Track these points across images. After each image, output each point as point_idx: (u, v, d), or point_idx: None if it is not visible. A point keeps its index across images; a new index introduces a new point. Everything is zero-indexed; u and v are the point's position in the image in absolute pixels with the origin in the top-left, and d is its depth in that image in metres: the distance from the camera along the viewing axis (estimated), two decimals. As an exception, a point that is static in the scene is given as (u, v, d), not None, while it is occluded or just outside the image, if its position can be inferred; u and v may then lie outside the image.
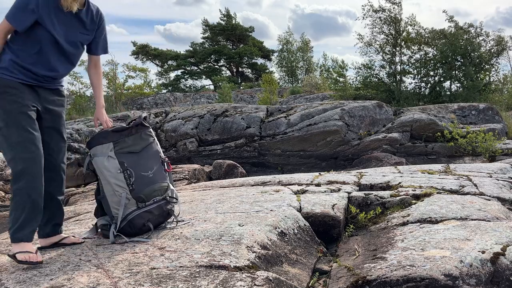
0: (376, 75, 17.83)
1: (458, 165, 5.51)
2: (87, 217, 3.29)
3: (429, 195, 3.42)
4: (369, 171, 5.08)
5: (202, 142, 10.42)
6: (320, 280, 2.30)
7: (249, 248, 2.21)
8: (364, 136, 9.64)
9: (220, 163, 7.64)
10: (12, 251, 2.11)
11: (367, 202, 3.48)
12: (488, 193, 3.52)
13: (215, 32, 39.97)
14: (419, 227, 2.67)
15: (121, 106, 18.79)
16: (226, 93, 19.97)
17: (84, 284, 1.80)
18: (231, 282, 1.81)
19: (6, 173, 6.40)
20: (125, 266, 1.99)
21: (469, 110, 11.58)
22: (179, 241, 2.33)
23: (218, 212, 2.96)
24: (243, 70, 41.44)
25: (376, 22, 17.65)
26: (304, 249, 2.62)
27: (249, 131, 10.11)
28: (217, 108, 11.21)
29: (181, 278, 1.84)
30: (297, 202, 3.24)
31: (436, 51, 16.92)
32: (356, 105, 10.26)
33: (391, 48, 17.61)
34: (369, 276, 2.01)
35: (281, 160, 9.85)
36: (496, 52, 16.90)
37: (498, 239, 2.24)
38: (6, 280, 1.91)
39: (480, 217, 2.77)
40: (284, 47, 35.49)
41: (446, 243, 2.25)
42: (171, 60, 40.46)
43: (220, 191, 4.12)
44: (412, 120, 10.01)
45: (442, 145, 9.61)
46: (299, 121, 9.94)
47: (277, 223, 2.67)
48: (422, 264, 2.00)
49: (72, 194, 5.94)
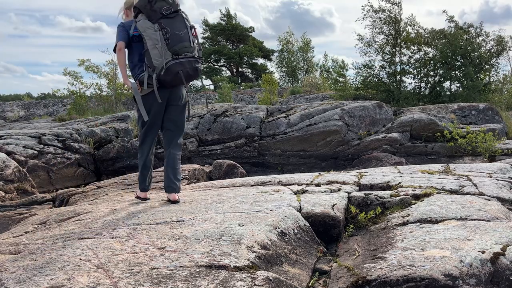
0: (376, 75, 17.83)
1: (458, 165, 5.50)
2: (87, 217, 3.29)
3: (429, 195, 3.42)
4: (369, 171, 5.08)
5: (202, 142, 10.42)
6: (320, 280, 2.31)
7: (249, 248, 2.21)
8: (364, 136, 9.64)
9: (220, 163, 7.64)
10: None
11: (367, 202, 3.48)
12: (488, 193, 3.52)
13: (215, 32, 39.98)
14: (419, 227, 2.67)
15: (121, 106, 18.78)
16: (226, 93, 19.97)
17: (84, 284, 1.80)
18: (231, 282, 1.81)
19: (6, 173, 6.40)
20: (125, 266, 1.99)
21: (469, 110, 11.58)
22: (179, 241, 2.33)
23: (218, 212, 2.96)
24: (243, 70, 41.45)
25: (376, 22, 17.65)
26: (304, 249, 2.62)
27: (249, 131, 10.11)
28: (217, 108, 11.21)
29: (181, 278, 1.84)
30: (297, 202, 3.24)
31: (436, 51, 16.92)
32: (356, 105, 10.27)
33: (391, 48, 17.61)
34: (369, 276, 2.01)
35: (281, 160, 9.85)
36: (496, 52, 16.90)
37: (498, 239, 2.24)
38: (6, 280, 1.91)
39: (480, 217, 2.77)
40: (284, 47, 35.48)
41: (446, 243, 2.25)
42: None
43: (220, 191, 4.12)
44: (412, 120, 10.01)
45: (442, 145, 9.61)
46: (299, 121, 9.94)
47: (277, 223, 2.67)
48: (422, 264, 2.00)
49: (72, 194, 5.93)
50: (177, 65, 3.18)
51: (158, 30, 3.18)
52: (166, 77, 3.21)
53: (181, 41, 3.20)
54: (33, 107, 25.01)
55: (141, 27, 3.23)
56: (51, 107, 24.17)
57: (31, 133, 9.38)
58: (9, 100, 34.54)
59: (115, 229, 2.69)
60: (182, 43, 3.20)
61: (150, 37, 3.18)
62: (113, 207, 3.61)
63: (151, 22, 3.20)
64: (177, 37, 3.19)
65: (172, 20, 3.22)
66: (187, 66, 3.23)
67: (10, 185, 6.37)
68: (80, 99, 18.97)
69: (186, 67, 3.23)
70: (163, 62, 3.17)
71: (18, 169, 6.67)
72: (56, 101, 24.97)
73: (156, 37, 3.16)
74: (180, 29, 3.22)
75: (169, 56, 3.18)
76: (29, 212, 4.93)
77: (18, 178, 6.56)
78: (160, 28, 3.18)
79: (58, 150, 8.98)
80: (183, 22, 3.27)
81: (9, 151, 8.11)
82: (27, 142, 8.74)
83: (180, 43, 3.19)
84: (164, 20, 3.20)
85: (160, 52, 3.16)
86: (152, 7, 3.21)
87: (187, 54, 3.23)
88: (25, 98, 31.78)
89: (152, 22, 3.20)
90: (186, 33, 3.24)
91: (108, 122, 11.20)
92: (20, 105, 25.52)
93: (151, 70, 3.23)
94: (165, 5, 3.22)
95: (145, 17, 3.23)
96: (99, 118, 12.33)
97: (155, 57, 3.17)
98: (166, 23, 3.19)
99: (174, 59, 3.18)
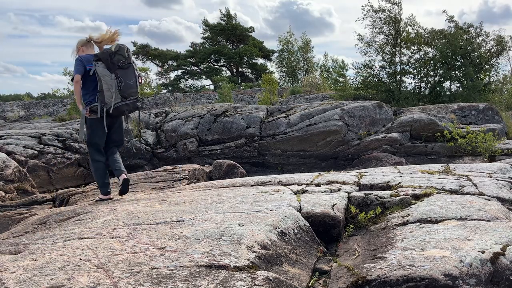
0: (376, 75, 17.84)
1: (458, 165, 5.51)
2: (87, 217, 3.29)
3: (429, 195, 3.42)
4: (369, 171, 5.08)
5: (202, 142, 10.42)
6: (320, 280, 2.31)
7: (249, 248, 2.22)
8: (364, 136, 9.64)
9: (220, 163, 7.64)
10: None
11: (367, 202, 3.48)
12: (488, 193, 3.53)
13: (215, 32, 39.97)
14: (419, 227, 2.67)
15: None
16: (226, 93, 19.97)
17: (84, 284, 1.80)
18: (231, 282, 1.82)
19: (6, 173, 6.40)
20: (125, 266, 1.99)
21: (469, 110, 11.58)
22: (179, 241, 2.33)
23: (218, 212, 2.96)
24: (243, 70, 41.45)
25: (376, 22, 17.65)
26: (304, 249, 2.62)
27: (249, 131, 10.11)
28: (217, 108, 11.22)
29: (181, 278, 1.84)
30: (297, 202, 3.24)
31: (436, 51, 16.92)
32: (356, 105, 10.27)
33: (391, 48, 17.61)
34: (369, 276, 2.01)
35: (281, 160, 9.85)
36: (496, 52, 16.90)
37: (498, 239, 2.25)
38: (7, 280, 1.91)
39: (480, 217, 2.77)
40: (285, 47, 35.48)
41: (446, 243, 2.25)
42: (171, 60, 40.48)
43: (220, 191, 4.12)
44: (412, 120, 10.01)
45: (442, 145, 9.61)
46: (299, 121, 9.94)
47: (277, 223, 2.67)
48: (422, 264, 2.00)
49: (72, 194, 5.94)
50: (124, 106, 4.26)
51: (114, 79, 4.15)
52: (113, 112, 4.22)
53: (130, 88, 4.27)
54: (33, 107, 25.02)
55: (100, 73, 4.13)
56: (51, 107, 24.18)
57: (31, 133, 9.39)
58: (9, 100, 34.56)
59: (115, 229, 2.69)
60: (130, 89, 4.28)
61: (106, 82, 4.13)
62: (113, 207, 3.61)
63: (109, 72, 4.14)
64: (128, 85, 4.24)
65: (126, 71, 4.23)
66: (131, 106, 4.35)
67: (10, 185, 6.37)
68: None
69: (130, 106, 4.35)
70: (112, 102, 4.17)
71: (18, 169, 6.68)
72: (56, 101, 24.98)
73: (111, 83, 4.14)
74: (131, 78, 4.27)
75: (119, 98, 4.20)
76: (29, 212, 4.93)
77: (18, 178, 6.57)
78: (116, 77, 4.16)
79: (58, 150, 8.99)
80: (133, 72, 4.30)
81: (9, 151, 8.11)
82: (27, 142, 8.75)
83: (129, 90, 4.26)
84: (120, 70, 4.19)
85: (112, 95, 4.15)
86: (111, 60, 4.16)
87: (132, 97, 4.32)
88: (25, 98, 31.81)
89: (110, 72, 4.15)
90: (134, 81, 4.31)
91: (108, 122, 11.18)
92: (20, 105, 25.54)
93: (103, 105, 4.19)
94: (122, 59, 4.21)
95: (104, 66, 4.15)
96: (99, 118, 12.28)
97: (108, 97, 4.15)
98: (121, 73, 4.19)
99: (122, 101, 4.23)
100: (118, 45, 4.24)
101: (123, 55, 4.20)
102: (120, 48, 4.22)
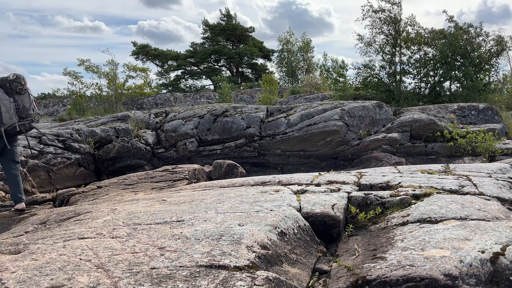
0: (376, 75, 17.84)
1: (458, 165, 5.51)
2: (87, 217, 3.29)
3: (429, 195, 3.43)
4: (369, 171, 5.08)
5: (202, 142, 10.42)
6: (320, 280, 2.31)
7: (249, 248, 2.22)
8: (364, 136, 9.64)
9: (220, 163, 7.64)
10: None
11: (367, 202, 3.48)
12: (488, 193, 3.53)
13: (215, 32, 39.96)
14: (418, 227, 2.67)
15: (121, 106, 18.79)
16: (226, 93, 19.97)
17: (84, 284, 1.80)
18: (231, 282, 1.82)
19: (6, 173, 6.39)
20: (125, 266, 1.99)
21: (468, 110, 11.59)
22: (179, 241, 2.34)
23: (218, 212, 2.96)
24: (243, 70, 41.44)
25: (376, 22, 17.66)
26: (304, 249, 2.63)
27: (249, 131, 10.11)
28: (217, 108, 11.22)
29: (181, 278, 1.84)
30: (297, 202, 3.24)
31: (436, 51, 16.93)
32: (356, 105, 10.27)
33: (391, 48, 17.61)
34: (369, 276, 2.02)
35: (281, 160, 9.85)
36: (496, 52, 16.91)
37: (498, 239, 2.25)
38: (7, 280, 1.91)
39: (479, 217, 2.77)
40: (285, 47, 35.46)
41: (446, 243, 2.26)
42: (171, 60, 40.47)
43: (220, 191, 4.13)
44: (412, 120, 10.02)
45: (442, 145, 9.62)
46: (299, 121, 9.94)
47: (277, 223, 2.67)
48: (422, 264, 2.00)
49: (72, 194, 5.94)
50: (21, 125, 5.05)
51: (13, 102, 4.97)
52: (11, 131, 5.00)
53: (27, 111, 5.11)
54: (33, 107, 24.94)
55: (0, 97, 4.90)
56: (51, 107, 24.18)
57: (31, 133, 9.36)
58: (9, 100, 34.46)
59: (115, 229, 2.69)
60: (27, 112, 5.11)
61: (5, 105, 4.92)
62: (113, 207, 3.61)
63: (7, 96, 4.94)
64: (25, 108, 5.08)
65: (22, 96, 5.08)
66: (27, 125, 5.15)
67: (10, 185, 6.35)
68: (80, 99, 18.98)
69: (26, 126, 5.14)
70: (10, 122, 4.95)
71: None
72: (56, 101, 24.97)
73: (10, 106, 4.95)
74: (27, 102, 5.11)
75: (17, 119, 5.01)
76: (29, 212, 4.93)
77: (18, 178, 6.55)
78: (14, 101, 4.99)
79: (58, 150, 8.99)
80: (28, 97, 5.15)
81: (9, 151, 8.09)
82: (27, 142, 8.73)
83: (26, 112, 5.10)
84: (17, 95, 5.02)
85: (10, 116, 4.95)
86: (10, 86, 4.98)
87: (28, 118, 5.13)
88: (25, 98, 31.69)
89: (9, 96, 4.96)
90: (30, 105, 5.15)
91: (108, 122, 11.20)
92: (20, 105, 25.46)
93: (2, 125, 4.91)
94: (19, 86, 5.04)
95: (3, 91, 4.93)
96: (99, 118, 12.32)
97: (6, 118, 4.92)
98: (19, 97, 5.03)
99: (19, 121, 5.03)
100: (16, 74, 5.07)
101: (20, 82, 5.05)
102: (17, 76, 5.06)
